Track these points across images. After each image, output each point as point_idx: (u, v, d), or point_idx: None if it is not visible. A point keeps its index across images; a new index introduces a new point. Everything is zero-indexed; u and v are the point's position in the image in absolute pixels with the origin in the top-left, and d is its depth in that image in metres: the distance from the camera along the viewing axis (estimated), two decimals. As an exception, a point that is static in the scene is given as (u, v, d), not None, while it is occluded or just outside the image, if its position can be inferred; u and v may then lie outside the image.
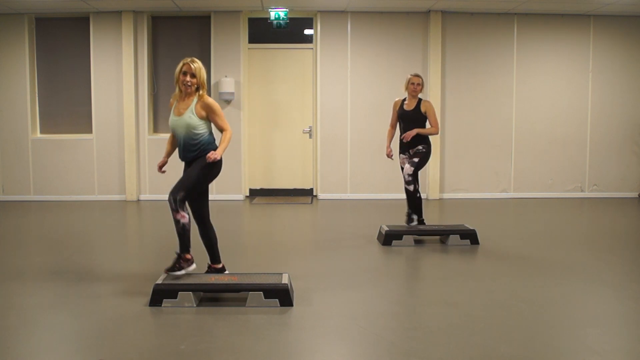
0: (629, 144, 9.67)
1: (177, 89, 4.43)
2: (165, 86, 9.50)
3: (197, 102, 4.34)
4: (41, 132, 9.48)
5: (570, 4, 8.74)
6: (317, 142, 9.50)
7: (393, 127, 6.36)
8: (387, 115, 9.45)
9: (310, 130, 9.64)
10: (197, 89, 4.34)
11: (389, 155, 6.30)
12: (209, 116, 4.36)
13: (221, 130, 4.39)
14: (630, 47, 9.54)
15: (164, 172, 4.80)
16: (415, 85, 6.07)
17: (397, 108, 6.23)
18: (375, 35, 9.38)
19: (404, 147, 6.17)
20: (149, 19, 9.32)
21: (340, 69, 9.40)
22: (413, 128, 6.05)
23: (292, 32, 9.53)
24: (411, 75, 6.16)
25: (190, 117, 4.34)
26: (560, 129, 9.61)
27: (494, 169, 9.59)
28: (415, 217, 6.20)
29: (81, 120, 9.47)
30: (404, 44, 9.39)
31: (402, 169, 6.21)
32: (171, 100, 4.54)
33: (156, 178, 9.34)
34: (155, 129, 9.56)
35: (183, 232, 4.32)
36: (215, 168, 4.43)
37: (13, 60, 9.21)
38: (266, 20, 9.34)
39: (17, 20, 9.15)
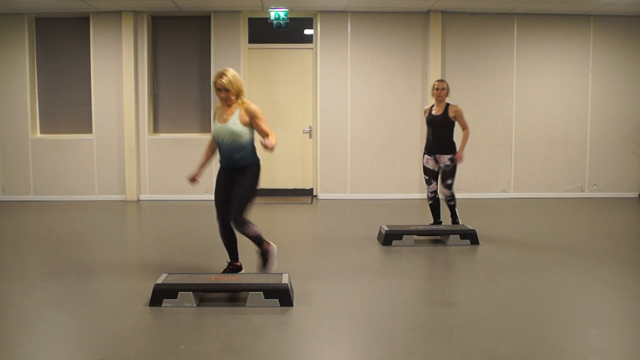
0: (629, 144, 9.67)
1: (220, 103, 4.57)
2: (165, 86, 9.51)
3: (240, 109, 4.48)
4: (41, 132, 9.48)
5: (570, 4, 8.74)
6: (317, 142, 9.50)
7: None
8: (387, 114, 9.52)
9: (310, 130, 9.64)
10: (238, 97, 4.49)
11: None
12: (252, 122, 4.47)
13: (265, 135, 4.47)
14: (630, 47, 9.54)
15: (195, 182, 4.83)
16: (440, 90, 6.30)
17: (427, 115, 6.46)
18: (375, 35, 9.39)
19: (431, 150, 6.39)
20: (149, 19, 9.33)
21: (340, 69, 9.40)
22: (441, 133, 6.32)
23: (292, 32, 9.53)
24: (436, 81, 6.43)
25: (234, 123, 4.45)
26: (560, 129, 9.61)
27: (494, 169, 9.60)
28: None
29: (81, 120, 9.47)
30: (404, 44, 9.39)
31: (425, 168, 6.45)
32: (215, 109, 4.68)
33: (156, 178, 9.34)
34: (155, 129, 9.56)
35: (258, 238, 4.55)
36: (259, 177, 4.62)
37: (13, 60, 9.21)
38: (266, 20, 9.34)
39: (17, 20, 9.15)
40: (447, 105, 6.35)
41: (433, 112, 6.37)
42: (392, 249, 5.85)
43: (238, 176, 4.54)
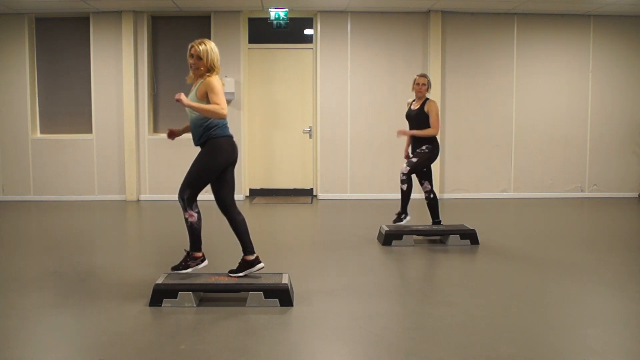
0: (629, 144, 9.67)
1: (190, 71, 4.26)
2: (165, 86, 9.50)
3: (201, 83, 4.15)
4: (41, 132, 9.48)
5: (570, 4, 8.74)
6: (317, 142, 9.50)
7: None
8: (387, 114, 9.52)
9: (310, 130, 9.65)
10: (209, 72, 4.16)
11: (407, 157, 6.26)
12: (208, 95, 4.09)
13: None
14: (630, 47, 9.55)
15: (171, 136, 4.54)
16: (420, 85, 6.06)
17: (407, 109, 6.29)
18: (375, 35, 9.39)
19: (412, 147, 6.19)
20: (149, 19, 9.33)
21: (340, 69, 9.40)
22: (419, 129, 6.06)
23: (292, 32, 9.53)
24: (417, 75, 6.17)
25: (191, 98, 4.18)
26: (560, 129, 9.61)
27: (494, 169, 9.59)
28: (404, 216, 6.21)
29: (81, 120, 9.47)
30: (404, 44, 9.39)
31: None
32: (187, 80, 4.37)
33: (156, 178, 9.34)
34: (155, 129, 9.56)
35: (191, 231, 4.28)
36: (219, 155, 4.18)
37: (13, 60, 9.21)
38: (266, 20, 9.34)
39: (17, 20, 9.15)
40: (426, 100, 6.10)
41: (412, 107, 6.17)
42: (392, 249, 5.85)
43: (199, 153, 4.27)
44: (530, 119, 9.56)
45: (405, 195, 6.16)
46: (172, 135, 4.57)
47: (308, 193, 9.73)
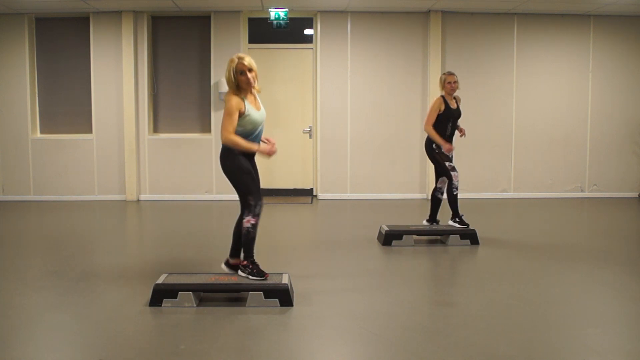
0: (629, 144, 9.67)
1: (235, 89, 4.34)
2: (165, 86, 9.51)
3: (257, 95, 4.62)
4: (41, 132, 9.48)
5: (570, 4, 8.74)
6: (317, 142, 9.50)
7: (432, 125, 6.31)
8: (387, 115, 9.53)
9: (310, 130, 9.65)
10: None
11: (452, 150, 6.26)
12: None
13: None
14: (630, 47, 9.54)
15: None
16: (452, 84, 6.19)
17: (443, 108, 6.18)
18: (375, 35, 9.39)
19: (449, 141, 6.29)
20: (149, 19, 9.33)
21: (340, 69, 9.40)
22: (456, 125, 6.38)
23: (292, 32, 9.53)
24: (446, 74, 6.25)
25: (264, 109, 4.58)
26: (560, 129, 9.61)
27: (494, 169, 9.59)
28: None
29: (81, 120, 9.47)
30: (404, 44, 9.39)
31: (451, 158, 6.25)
32: (237, 102, 4.32)
33: (156, 178, 9.34)
34: (155, 129, 9.56)
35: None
36: None
37: (13, 60, 9.21)
38: (266, 20, 9.34)
39: (17, 20, 9.15)
40: (454, 97, 6.34)
41: (452, 107, 6.25)
42: (392, 249, 5.85)
43: (254, 161, 4.69)
44: (530, 119, 9.56)
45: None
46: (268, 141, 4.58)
47: (308, 193, 9.73)
